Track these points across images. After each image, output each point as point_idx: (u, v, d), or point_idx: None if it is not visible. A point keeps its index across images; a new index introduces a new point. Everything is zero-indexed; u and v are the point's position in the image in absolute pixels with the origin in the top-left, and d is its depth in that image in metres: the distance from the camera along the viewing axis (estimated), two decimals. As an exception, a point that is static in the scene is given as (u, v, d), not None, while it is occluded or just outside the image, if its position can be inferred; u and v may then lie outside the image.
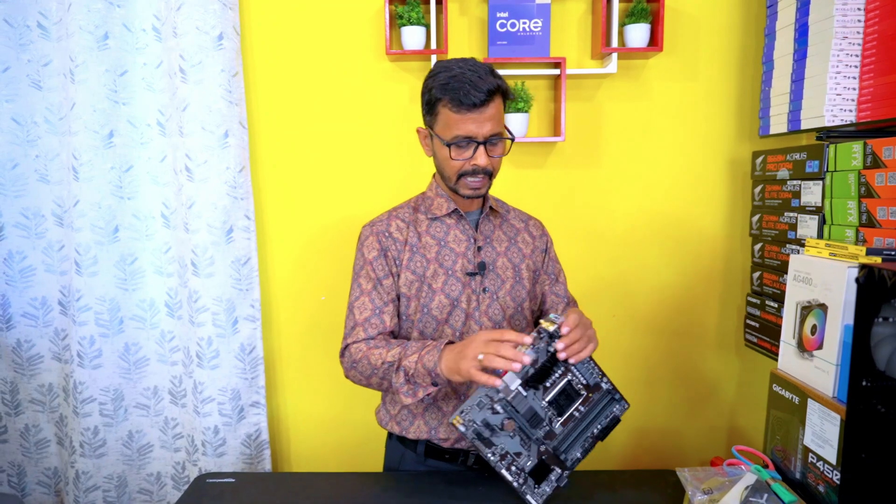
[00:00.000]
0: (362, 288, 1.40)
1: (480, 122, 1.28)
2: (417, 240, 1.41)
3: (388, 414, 1.47)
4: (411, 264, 1.39)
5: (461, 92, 1.25)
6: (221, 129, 2.04)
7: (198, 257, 2.08)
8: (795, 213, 1.77)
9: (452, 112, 1.28)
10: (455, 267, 1.40)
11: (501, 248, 1.46)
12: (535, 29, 2.04)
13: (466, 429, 1.15)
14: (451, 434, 1.40)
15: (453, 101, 1.27)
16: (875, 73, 1.57)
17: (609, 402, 1.24)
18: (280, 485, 1.40)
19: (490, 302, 1.41)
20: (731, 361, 2.29)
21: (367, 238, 1.42)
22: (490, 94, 1.26)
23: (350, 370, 1.37)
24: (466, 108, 1.26)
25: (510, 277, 1.44)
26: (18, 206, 2.16)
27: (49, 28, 2.08)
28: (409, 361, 1.25)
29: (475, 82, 1.25)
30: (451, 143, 1.30)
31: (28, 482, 2.30)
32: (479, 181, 1.33)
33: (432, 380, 1.24)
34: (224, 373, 2.13)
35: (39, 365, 2.24)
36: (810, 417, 1.19)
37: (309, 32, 2.13)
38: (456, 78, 1.27)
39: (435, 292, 1.39)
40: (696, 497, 1.14)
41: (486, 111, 1.28)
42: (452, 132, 1.29)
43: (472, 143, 1.30)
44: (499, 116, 1.31)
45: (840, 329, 1.16)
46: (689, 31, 2.14)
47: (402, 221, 1.44)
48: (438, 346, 1.25)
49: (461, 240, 1.42)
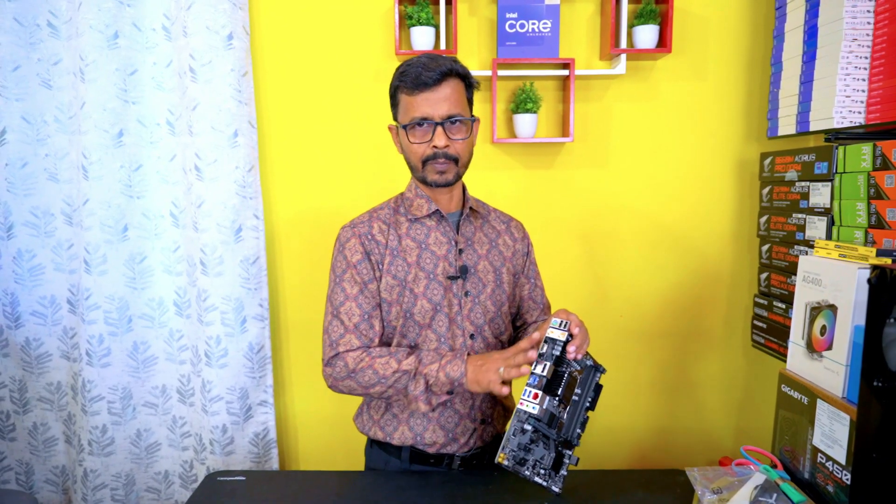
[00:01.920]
0: (347, 292, 1.36)
1: (435, 102, 1.28)
2: (398, 243, 1.38)
3: (371, 419, 1.45)
4: (392, 268, 1.36)
5: (412, 74, 1.28)
6: (231, 129, 2.05)
7: (207, 256, 2.09)
8: (804, 215, 1.77)
9: (407, 95, 1.30)
10: (436, 270, 1.37)
11: (483, 251, 1.44)
12: (543, 30, 2.05)
13: (509, 462, 1.18)
14: (438, 439, 1.39)
15: (407, 84, 1.29)
16: (884, 75, 1.57)
17: (593, 375, 1.28)
18: (290, 483, 1.40)
19: (472, 306, 1.39)
20: (738, 362, 2.29)
21: (349, 240, 1.38)
22: (443, 74, 1.28)
23: (345, 379, 1.33)
24: (420, 88, 1.28)
25: (491, 281, 1.42)
26: (28, 205, 2.16)
27: (59, 27, 2.09)
28: (431, 370, 1.28)
29: (427, 64, 1.28)
30: (408, 126, 1.31)
31: (36, 480, 2.31)
32: (443, 164, 1.32)
33: (451, 388, 1.28)
34: (232, 372, 2.14)
35: (48, 363, 2.25)
36: (819, 418, 1.20)
37: (318, 32, 2.14)
38: (411, 65, 1.29)
39: (417, 297, 1.36)
40: (706, 496, 1.15)
41: (440, 91, 1.28)
42: (409, 115, 1.31)
43: (429, 125, 1.30)
44: (456, 98, 1.31)
45: (850, 330, 1.16)
46: (697, 32, 2.14)
47: (383, 223, 1.40)
48: (460, 357, 1.28)
49: (442, 242, 1.39)
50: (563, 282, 2.24)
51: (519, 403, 1.18)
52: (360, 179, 2.19)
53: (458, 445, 1.41)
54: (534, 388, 1.18)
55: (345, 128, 2.17)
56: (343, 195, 2.20)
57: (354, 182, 2.19)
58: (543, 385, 1.18)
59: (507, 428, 1.25)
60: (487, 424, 1.44)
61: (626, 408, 2.31)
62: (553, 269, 2.23)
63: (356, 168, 2.19)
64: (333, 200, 2.20)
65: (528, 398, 1.18)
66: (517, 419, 1.18)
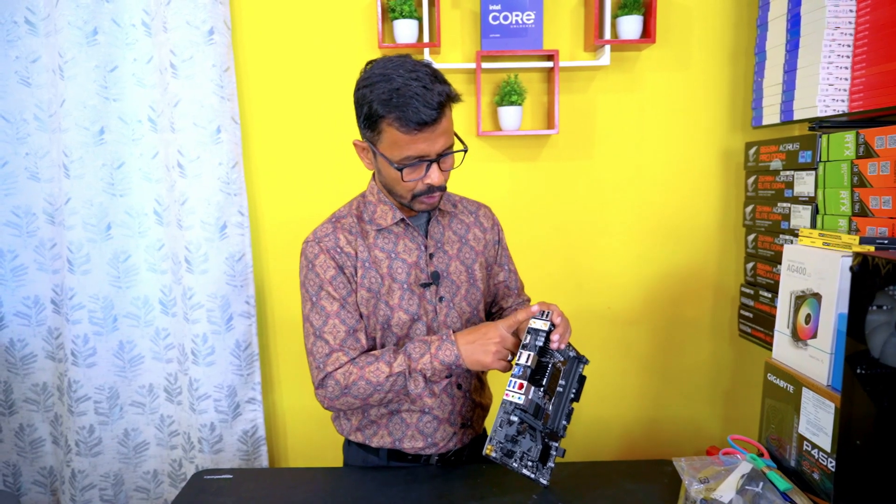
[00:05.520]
0: (327, 311, 1.28)
1: (433, 140, 1.15)
2: (367, 254, 1.31)
3: (350, 424, 1.42)
4: (365, 281, 1.30)
5: (409, 109, 1.11)
6: (213, 125, 2.03)
7: (191, 254, 2.07)
8: (788, 204, 1.78)
9: (401, 133, 1.13)
10: (409, 280, 1.32)
11: (453, 251, 1.38)
12: (527, 21, 2.04)
13: (497, 453, 1.17)
14: (417, 444, 1.38)
15: (401, 121, 1.12)
16: (867, 63, 1.58)
17: (577, 366, 1.28)
18: (278, 480, 1.39)
19: (448, 311, 1.36)
20: (725, 351, 2.30)
21: (318, 256, 1.29)
22: (441, 106, 1.13)
23: (340, 397, 1.27)
24: (417, 127, 1.12)
25: (464, 282, 1.38)
26: (9, 205, 2.14)
27: (37, 24, 2.06)
28: (424, 363, 1.24)
29: (423, 96, 1.11)
30: (402, 167, 1.17)
31: (24, 482, 2.29)
32: (436, 198, 1.25)
33: (449, 372, 1.28)
34: (219, 369, 2.13)
35: (33, 364, 2.23)
36: (805, 406, 1.20)
37: (300, 26, 2.12)
38: (400, 93, 1.11)
39: (392, 309, 1.31)
40: (693, 486, 1.15)
41: (439, 127, 1.15)
42: (402, 153, 1.16)
43: (423, 162, 1.18)
44: (450, 128, 1.19)
45: (834, 318, 1.17)
46: (681, 22, 2.14)
47: (349, 233, 1.32)
48: (448, 338, 1.25)
49: (411, 249, 1.33)
50: (550, 273, 2.24)
51: (504, 394, 1.18)
52: (346, 174, 2.17)
53: (437, 448, 1.40)
54: (518, 379, 1.18)
55: (329, 123, 2.16)
56: (328, 190, 2.18)
57: (340, 177, 2.18)
58: (528, 375, 1.18)
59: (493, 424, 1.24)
60: (467, 427, 1.43)
61: (614, 398, 2.32)
62: (539, 260, 2.23)
63: (341, 163, 2.17)
64: (319, 196, 2.19)
65: (514, 388, 1.17)
66: (503, 410, 1.18)
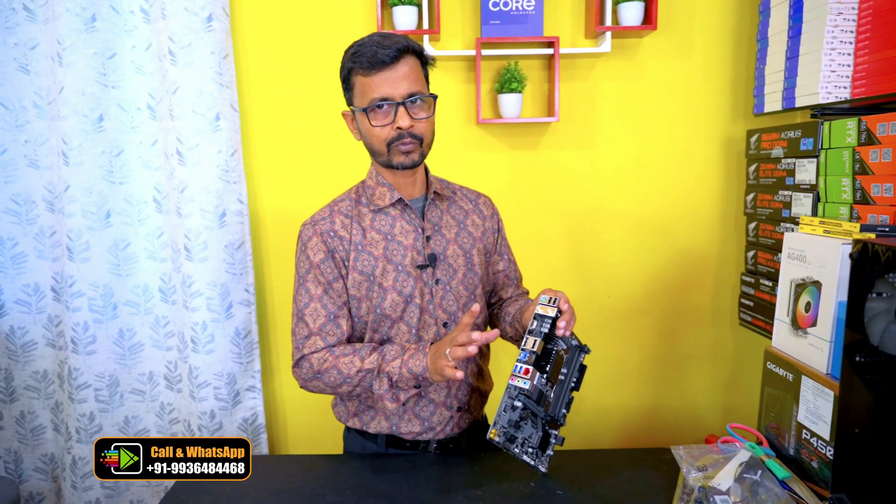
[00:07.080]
0: (311, 293, 1.32)
1: (394, 82, 1.23)
2: (362, 236, 1.34)
3: (348, 411, 1.44)
4: (358, 264, 1.32)
5: (369, 54, 1.22)
6: (212, 112, 2.02)
7: (191, 242, 2.07)
8: (790, 192, 1.77)
9: (364, 76, 1.24)
10: (405, 261, 1.33)
11: (451, 235, 1.40)
12: (528, 8, 2.02)
13: (500, 438, 1.17)
14: (414, 428, 1.38)
15: (363, 65, 1.23)
16: (870, 50, 1.56)
17: (578, 355, 1.27)
18: (277, 467, 1.40)
19: (444, 294, 1.36)
20: (725, 340, 2.30)
21: (311, 239, 1.34)
22: (399, 51, 1.23)
23: (311, 381, 1.32)
24: (377, 67, 1.22)
25: (462, 266, 1.39)
26: (9, 192, 2.14)
27: (35, 11, 2.05)
28: (393, 367, 1.25)
29: (381, 42, 1.23)
30: (368, 108, 1.25)
31: (25, 468, 2.30)
32: (409, 144, 1.27)
33: (416, 383, 1.26)
34: (219, 357, 2.13)
35: (33, 352, 2.23)
36: (804, 394, 1.20)
37: (299, 13, 2.11)
38: (363, 45, 1.24)
39: (386, 291, 1.32)
40: (691, 474, 1.15)
41: (399, 69, 1.23)
42: (368, 97, 1.25)
43: (391, 106, 1.24)
44: (415, 76, 1.26)
45: (834, 306, 1.16)
46: (683, 9, 2.12)
47: (345, 216, 1.35)
48: (423, 350, 1.25)
49: (408, 231, 1.35)
50: (550, 262, 2.24)
51: (510, 378, 1.18)
52: (345, 162, 2.16)
53: (435, 433, 1.40)
54: (524, 364, 1.18)
55: (328, 111, 2.14)
56: (328, 178, 2.17)
57: (339, 165, 2.17)
58: (534, 361, 1.18)
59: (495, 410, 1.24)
60: (464, 412, 1.43)
61: (614, 387, 2.32)
62: (539, 249, 2.22)
63: (341, 151, 2.16)
64: (318, 184, 2.18)
65: (519, 373, 1.17)
66: (508, 395, 1.18)
